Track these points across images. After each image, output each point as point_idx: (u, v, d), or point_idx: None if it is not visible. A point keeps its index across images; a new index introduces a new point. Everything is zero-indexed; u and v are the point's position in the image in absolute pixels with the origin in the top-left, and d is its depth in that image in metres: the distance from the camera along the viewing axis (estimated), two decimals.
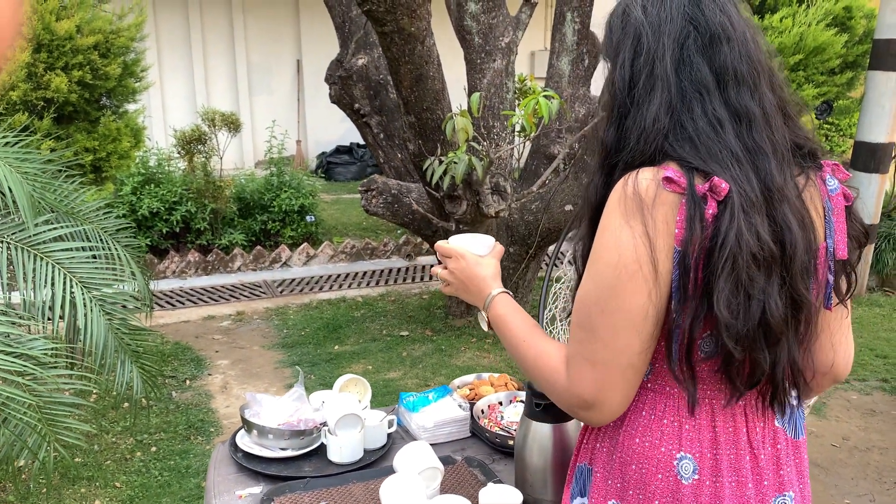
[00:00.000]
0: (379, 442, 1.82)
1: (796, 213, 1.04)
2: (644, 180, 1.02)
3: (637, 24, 1.09)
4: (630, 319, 1.02)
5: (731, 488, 1.09)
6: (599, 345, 1.04)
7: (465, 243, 1.34)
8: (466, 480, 1.69)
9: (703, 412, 1.09)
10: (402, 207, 4.75)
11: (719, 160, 1.02)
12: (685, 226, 1.00)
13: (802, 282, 1.04)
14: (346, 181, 9.92)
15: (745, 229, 0.99)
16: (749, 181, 1.02)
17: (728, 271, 0.98)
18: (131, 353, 2.71)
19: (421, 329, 4.96)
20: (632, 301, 1.02)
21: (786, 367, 1.07)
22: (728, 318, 0.99)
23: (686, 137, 1.04)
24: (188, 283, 6.04)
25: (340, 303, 5.55)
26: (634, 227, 1.01)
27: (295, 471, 1.71)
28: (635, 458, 1.11)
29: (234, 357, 4.66)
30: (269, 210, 6.47)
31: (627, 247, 1.01)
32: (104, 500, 3.11)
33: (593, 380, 1.05)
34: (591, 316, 1.06)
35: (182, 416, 3.82)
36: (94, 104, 4.42)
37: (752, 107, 1.05)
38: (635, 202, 1.01)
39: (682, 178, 1.01)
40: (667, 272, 1.01)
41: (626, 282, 1.01)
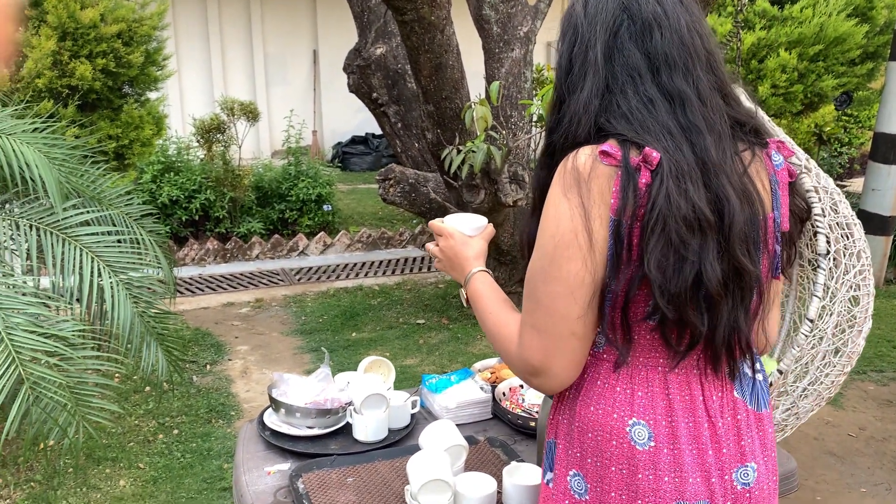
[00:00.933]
0: (403, 422, 1.85)
1: (736, 185, 1.08)
2: (583, 155, 1.08)
3: (576, 16, 1.16)
4: (567, 286, 1.07)
5: (692, 455, 1.11)
6: (542, 312, 1.10)
7: (456, 223, 1.40)
8: (489, 460, 1.72)
9: (656, 380, 1.12)
10: (419, 196, 4.78)
11: (653, 133, 1.07)
12: (619, 195, 1.05)
13: (743, 250, 1.07)
14: (361, 171, 9.97)
15: (674, 193, 1.03)
16: (682, 152, 1.07)
17: (659, 232, 1.03)
18: (157, 336, 2.76)
19: (437, 317, 5.00)
20: (568, 268, 1.07)
21: (731, 334, 1.10)
22: (659, 277, 1.04)
23: (621, 115, 1.09)
24: (207, 271, 6.10)
25: (357, 291, 5.60)
26: (571, 199, 1.06)
27: (321, 448, 1.75)
28: (591, 427, 1.14)
29: (254, 343, 4.71)
30: (287, 199, 6.52)
31: (565, 218, 1.07)
32: (128, 480, 3.17)
33: (539, 347, 1.11)
34: (535, 285, 1.11)
35: (203, 400, 3.88)
36: (117, 92, 4.47)
37: (684, 88, 1.09)
38: (573, 176, 1.07)
39: (617, 152, 1.06)
40: (602, 240, 1.06)
41: (563, 250, 1.07)
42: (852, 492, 3.08)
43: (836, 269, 2.64)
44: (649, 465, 1.11)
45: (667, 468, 1.11)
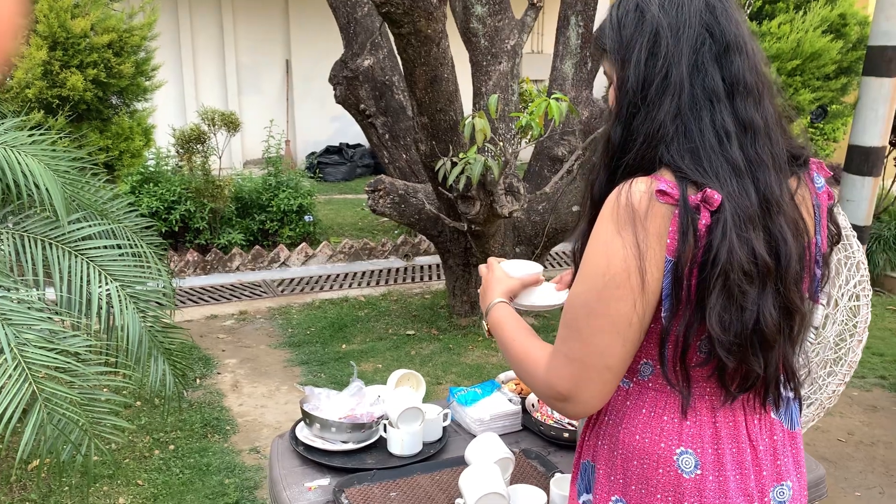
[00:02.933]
0: (436, 435, 1.86)
1: (791, 223, 1.08)
2: (637, 192, 1.04)
3: (655, 22, 1.08)
4: (613, 325, 1.06)
5: (736, 481, 1.12)
6: (579, 343, 1.08)
7: (509, 266, 1.43)
8: (527, 472, 1.74)
9: (703, 409, 1.13)
10: (408, 208, 4.78)
11: (718, 174, 1.04)
12: (678, 237, 1.03)
13: (795, 290, 1.08)
14: (336, 181, 9.93)
15: (736, 245, 1.01)
16: (747, 194, 1.04)
17: (720, 287, 1.02)
18: (163, 350, 2.72)
19: (426, 328, 5.01)
20: (617, 308, 1.05)
21: (779, 366, 1.11)
22: (719, 333, 1.03)
23: (688, 149, 1.05)
24: (187, 283, 6.02)
25: (343, 302, 5.58)
26: (626, 237, 1.03)
27: (358, 463, 1.75)
28: (636, 455, 1.14)
29: (242, 356, 4.66)
30: (268, 210, 6.47)
31: (617, 256, 1.04)
32: (128, 497, 3.12)
33: (570, 375, 1.09)
34: (577, 317, 1.09)
35: (196, 415, 3.82)
36: (106, 103, 4.41)
37: (756, 118, 1.07)
38: (627, 213, 1.04)
39: (675, 190, 1.03)
40: (656, 282, 1.04)
41: (613, 290, 1.04)
42: (847, 496, 3.16)
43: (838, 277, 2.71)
44: (695, 492, 1.12)
45: (712, 495, 1.12)
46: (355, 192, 9.36)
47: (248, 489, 3.18)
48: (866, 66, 5.16)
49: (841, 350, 2.64)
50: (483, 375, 4.23)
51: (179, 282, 6.00)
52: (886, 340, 4.82)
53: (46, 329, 2.29)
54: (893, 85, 5.10)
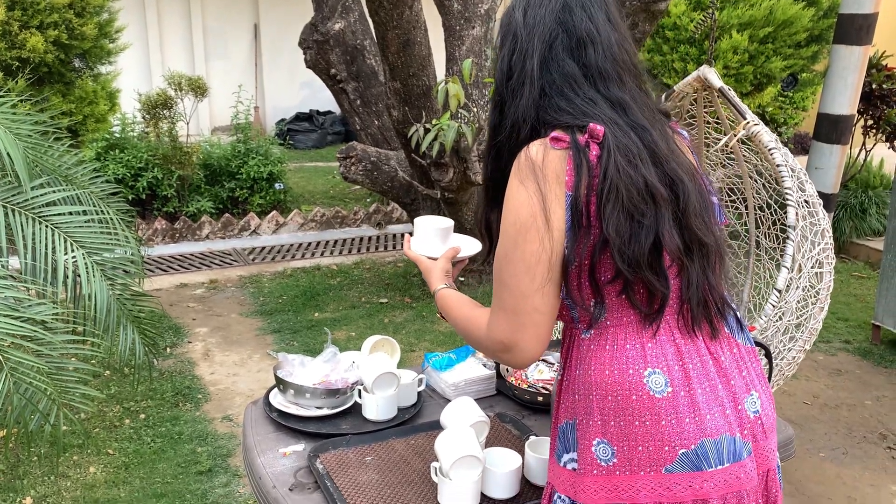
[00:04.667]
0: (411, 400, 1.86)
1: (685, 168, 1.21)
2: (534, 147, 1.19)
3: (516, 24, 1.26)
4: (527, 266, 1.17)
5: (706, 393, 1.21)
6: (507, 291, 1.20)
7: (423, 229, 1.59)
8: (501, 435, 1.74)
9: (662, 332, 1.22)
10: (381, 175, 4.74)
11: (595, 118, 1.19)
12: (574, 172, 1.16)
13: (700, 222, 1.20)
14: (306, 149, 9.82)
15: (623, 164, 1.15)
16: (629, 137, 1.18)
17: (613, 199, 1.14)
18: (132, 318, 2.68)
19: (399, 296, 5.00)
20: (529, 249, 1.16)
21: (704, 294, 1.22)
22: (616, 240, 1.14)
23: (563, 110, 1.21)
24: (156, 252, 5.93)
25: (315, 271, 5.54)
26: (528, 186, 1.17)
27: (333, 428, 1.74)
28: (609, 390, 1.21)
29: (213, 325, 4.62)
30: (237, 177, 6.38)
31: (524, 205, 1.16)
32: (98, 467, 3.09)
33: (505, 324, 1.21)
34: (500, 269, 1.21)
35: (167, 384, 3.79)
36: (69, 65, 4.27)
37: (622, 96, 1.22)
38: (528, 166, 1.18)
39: (565, 136, 1.17)
40: (560, 219, 1.16)
41: (523, 234, 1.16)
42: (812, 457, 3.23)
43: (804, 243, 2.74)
44: (670, 410, 1.19)
45: (686, 410, 1.19)
46: (326, 160, 9.26)
47: (221, 457, 3.16)
48: (837, 34, 5.19)
49: (802, 316, 2.68)
50: (456, 343, 4.24)
51: (148, 250, 5.91)
52: (851, 306, 4.91)
53: (11, 297, 2.24)
54: (863, 53, 5.14)
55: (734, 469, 1.20)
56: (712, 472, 1.19)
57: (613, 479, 1.21)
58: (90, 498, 2.88)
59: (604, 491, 1.22)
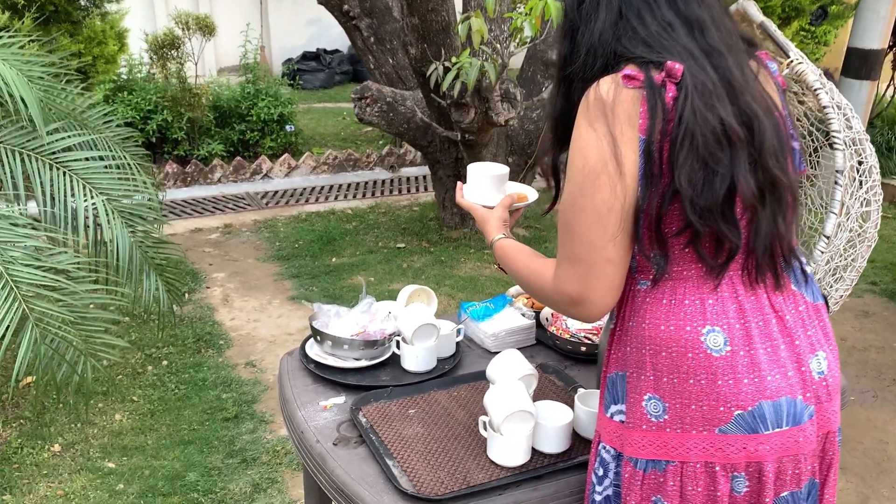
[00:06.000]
0: (449, 351, 1.81)
1: (760, 101, 1.11)
2: (604, 85, 1.09)
3: None
4: (598, 215, 1.09)
5: (767, 353, 1.14)
6: (576, 241, 1.12)
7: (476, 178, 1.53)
8: (546, 387, 1.69)
9: (724, 288, 1.14)
10: (397, 116, 4.62)
11: (674, 53, 1.09)
12: (647, 114, 1.07)
13: (775, 161, 1.11)
14: (314, 89, 9.63)
15: (701, 106, 1.06)
16: (706, 72, 1.09)
17: (688, 146, 1.05)
18: (155, 266, 2.63)
19: (417, 241, 4.93)
20: (597, 197, 1.09)
21: (772, 242, 1.14)
22: (688, 190, 1.06)
23: (639, 40, 1.11)
24: (168, 196, 5.85)
25: (330, 215, 5.47)
26: (598, 128, 1.08)
27: (372, 380, 1.69)
28: (664, 345, 1.15)
29: (230, 270, 4.58)
30: (247, 119, 6.26)
31: (593, 149, 1.08)
32: (124, 414, 3.08)
33: (576, 276, 1.14)
34: (568, 217, 1.14)
35: (188, 330, 3.76)
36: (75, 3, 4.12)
37: (700, 13, 1.12)
38: (597, 106, 1.09)
39: (639, 73, 1.08)
40: (632, 164, 1.08)
41: (592, 180, 1.09)
42: None
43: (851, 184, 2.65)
44: (727, 370, 1.13)
45: (745, 370, 1.13)
46: (335, 101, 9.09)
47: (247, 403, 3.15)
48: None
49: (849, 257, 2.62)
50: (476, 288, 4.19)
51: (161, 194, 5.83)
52: (877, 247, 4.83)
53: (32, 246, 2.18)
54: None
55: (793, 433, 1.15)
56: (769, 435, 1.14)
57: (663, 435, 1.16)
58: (118, 445, 2.87)
59: (652, 447, 1.17)
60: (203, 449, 2.85)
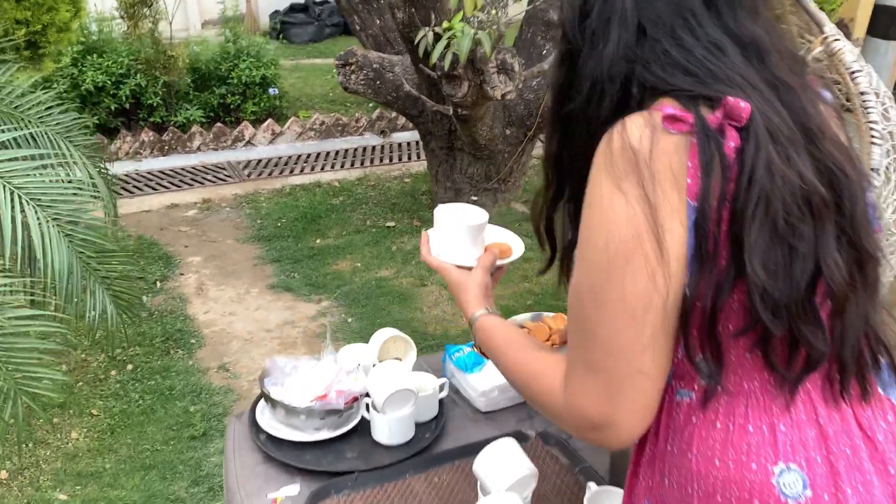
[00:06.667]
0: (430, 413, 1.51)
1: (842, 150, 0.84)
2: (635, 128, 0.80)
3: None
4: (631, 312, 0.80)
5: (859, 494, 0.82)
6: (597, 347, 0.83)
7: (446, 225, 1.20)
8: (546, 463, 1.40)
9: (800, 402, 0.84)
10: (384, 84, 4.25)
11: (731, 86, 0.80)
12: (700, 171, 0.78)
13: (866, 232, 0.83)
14: (303, 43, 9.14)
15: (777, 159, 0.77)
16: (774, 108, 0.80)
17: (761, 217, 0.77)
18: (101, 279, 2.31)
19: (408, 219, 4.60)
20: (631, 288, 0.79)
21: (861, 338, 0.85)
22: (761, 278, 0.77)
23: (678, 67, 0.82)
24: (144, 166, 5.50)
25: (315, 188, 5.12)
26: (628, 191, 0.78)
27: (335, 458, 1.40)
28: (719, 487, 0.85)
29: (207, 252, 4.26)
30: (228, 82, 5.85)
31: (620, 220, 0.79)
32: (81, 431, 2.80)
33: (597, 392, 0.84)
34: (584, 313, 0.84)
35: (157, 326, 3.46)
36: None
37: (756, 32, 0.84)
38: (626, 158, 0.79)
39: (686, 113, 0.79)
40: (679, 241, 0.79)
41: (622, 265, 0.79)
42: None
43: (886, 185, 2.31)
44: None
45: None
46: (324, 56, 8.62)
47: (216, 417, 2.87)
48: None
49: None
50: None
51: (135, 164, 5.48)
52: None
53: None
54: None
55: None
56: None
57: None
58: (72, 471, 2.60)
59: None
60: (166, 475, 2.57)
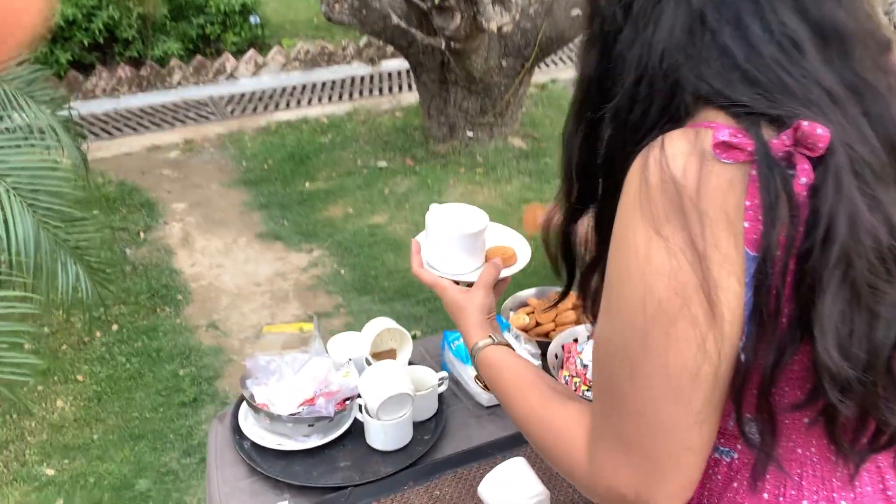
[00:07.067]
0: (429, 411, 1.39)
1: None
2: (678, 153, 0.63)
3: None
4: (674, 385, 0.65)
5: None
6: (633, 422, 0.68)
7: (442, 244, 1.02)
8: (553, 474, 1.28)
9: (865, 475, 0.72)
10: (370, 14, 3.98)
11: (803, 99, 0.63)
12: (763, 213, 0.61)
13: None
14: None
15: (862, 207, 0.61)
16: (862, 135, 0.63)
17: (838, 281, 0.61)
18: (71, 250, 2.15)
19: (400, 157, 4.41)
20: (675, 358, 0.64)
21: None
22: (837, 359, 0.61)
23: (736, 71, 0.64)
24: (122, 104, 5.26)
25: (302, 125, 4.90)
26: (670, 237, 0.63)
27: (327, 470, 1.28)
28: None
29: (191, 199, 4.08)
30: (206, 11, 5.55)
31: (661, 273, 0.63)
32: (67, 399, 2.70)
33: (631, 467, 0.69)
34: (616, 379, 0.68)
35: (142, 281, 3.33)
36: None
37: (840, 18, 0.66)
38: (666, 196, 0.62)
39: (744, 138, 0.62)
40: (735, 299, 0.63)
41: (664, 328, 0.64)
42: None
43: None
44: None
45: None
46: None
47: (207, 380, 2.77)
48: None
49: None
50: None
51: (113, 102, 5.23)
52: None
53: None
54: None
55: None
56: None
57: None
58: (58, 443, 2.50)
59: None
60: (156, 445, 2.49)
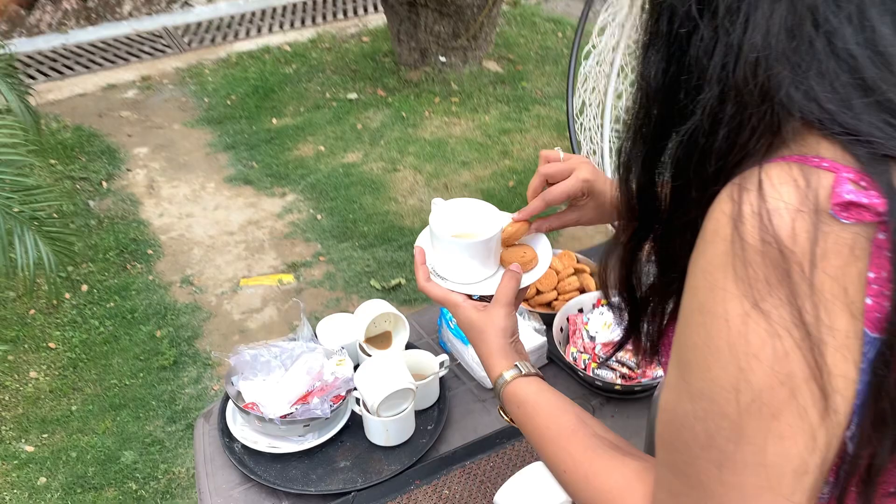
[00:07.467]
0: (431, 398, 1.30)
1: None
2: (781, 209, 0.51)
3: None
4: (772, 480, 0.55)
5: None
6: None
7: (451, 252, 0.89)
8: None
9: None
10: None
11: None
12: (890, 287, 0.50)
13: None
14: None
15: None
16: None
17: None
18: (28, 220, 2.00)
19: (371, 87, 4.20)
20: (776, 452, 0.54)
21: None
22: None
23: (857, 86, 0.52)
24: (72, 39, 4.95)
25: (265, 55, 4.65)
26: (773, 312, 0.51)
27: (326, 473, 1.19)
28: None
29: (154, 142, 3.88)
30: None
31: (761, 356, 0.52)
32: (40, 369, 2.58)
33: None
34: (696, 464, 0.57)
35: (109, 236, 3.17)
36: None
37: None
38: (769, 261, 0.51)
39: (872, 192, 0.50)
40: (849, 386, 0.53)
41: (765, 420, 0.53)
42: None
43: None
44: None
45: None
46: None
47: (186, 341, 2.66)
48: None
49: None
50: (446, 155, 3.58)
51: (62, 38, 4.91)
52: None
53: None
54: None
55: None
56: None
57: None
58: (35, 417, 2.40)
59: None
60: (139, 414, 2.40)
